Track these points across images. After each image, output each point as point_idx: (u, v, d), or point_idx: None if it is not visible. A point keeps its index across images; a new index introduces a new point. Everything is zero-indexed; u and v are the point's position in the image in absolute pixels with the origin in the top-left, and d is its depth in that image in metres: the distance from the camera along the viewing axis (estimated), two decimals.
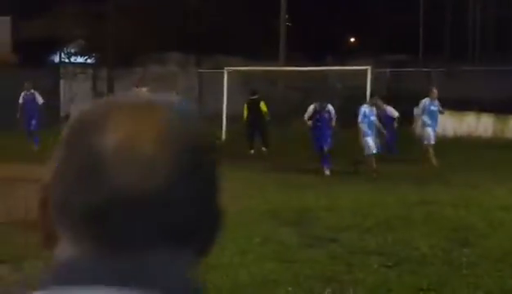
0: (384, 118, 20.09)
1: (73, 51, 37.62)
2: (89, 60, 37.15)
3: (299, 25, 37.86)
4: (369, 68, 24.45)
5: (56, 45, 36.84)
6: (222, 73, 27.27)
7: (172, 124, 0.99)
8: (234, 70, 28.51)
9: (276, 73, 32.70)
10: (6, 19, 36.09)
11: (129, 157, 0.95)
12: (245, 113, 23.74)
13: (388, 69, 34.71)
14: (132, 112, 0.99)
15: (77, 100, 33.58)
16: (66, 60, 37.31)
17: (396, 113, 21.49)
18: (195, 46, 36.57)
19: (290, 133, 25.36)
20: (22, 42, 34.22)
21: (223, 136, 25.42)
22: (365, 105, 18.56)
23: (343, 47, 47.33)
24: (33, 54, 34.10)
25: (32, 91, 22.28)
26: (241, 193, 13.91)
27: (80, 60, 37.40)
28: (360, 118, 18.00)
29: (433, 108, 19.95)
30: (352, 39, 50.76)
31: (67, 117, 33.45)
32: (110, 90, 33.68)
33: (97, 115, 0.99)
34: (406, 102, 24.55)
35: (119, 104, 1.02)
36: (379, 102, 20.12)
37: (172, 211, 0.96)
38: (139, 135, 0.96)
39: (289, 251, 9.19)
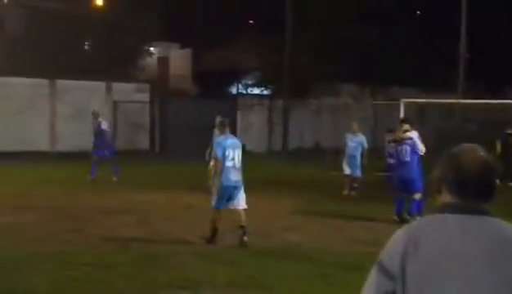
0: None
1: (250, 82, 38.48)
2: (265, 91, 37.84)
3: (479, 56, 36.69)
4: None
5: (234, 76, 37.84)
6: (398, 104, 26.86)
7: (487, 155, 2.85)
8: (410, 102, 28.03)
9: (452, 106, 31.85)
10: (188, 51, 37.61)
11: (473, 163, 2.82)
12: (498, 147, 22.66)
13: None
14: (470, 148, 2.89)
15: (253, 130, 34.28)
16: (243, 92, 38.19)
17: None
18: (370, 77, 36.39)
19: None
20: (202, 74, 35.47)
21: None
22: None
23: None
24: (212, 85, 35.22)
25: (99, 119, 20.70)
26: None
27: (257, 91, 38.18)
28: None
29: None
30: None
31: (244, 147, 34.21)
32: (285, 120, 34.06)
33: (457, 150, 2.88)
34: None
35: (464, 147, 2.89)
36: None
37: (493, 188, 2.83)
38: (477, 155, 2.85)
39: None
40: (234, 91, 39.18)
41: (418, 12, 47.58)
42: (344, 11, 35.11)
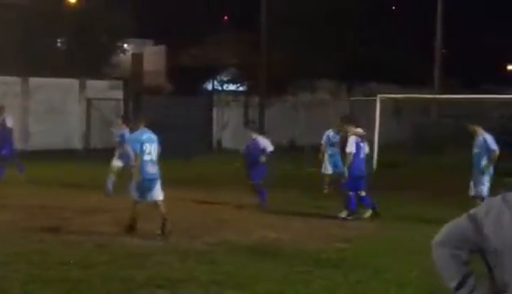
0: None
1: (225, 79, 38.46)
2: (241, 88, 37.83)
3: (455, 51, 36.98)
4: None
5: (209, 73, 37.79)
6: (375, 100, 27.00)
7: None
8: (387, 98, 28.18)
9: (429, 101, 32.09)
10: (162, 48, 37.49)
11: None
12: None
13: None
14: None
15: (229, 127, 34.27)
16: (219, 88, 38.18)
17: None
18: (347, 73, 36.51)
19: (444, 161, 24.90)
20: (176, 71, 35.37)
21: (374, 166, 25.11)
22: None
23: (500, 75, 45.94)
24: (187, 82, 35.15)
25: (4, 114, 19.55)
26: (395, 225, 13.71)
27: (232, 87, 38.15)
28: None
29: None
30: (511, 67, 49.18)
31: (219, 144, 34.22)
32: (261, 117, 34.06)
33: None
34: None
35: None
36: None
37: None
38: None
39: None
40: (209, 87, 39.16)
41: (393, 7, 47.81)
42: (320, 8, 35.21)
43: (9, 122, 19.66)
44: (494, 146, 13.94)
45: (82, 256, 10.08)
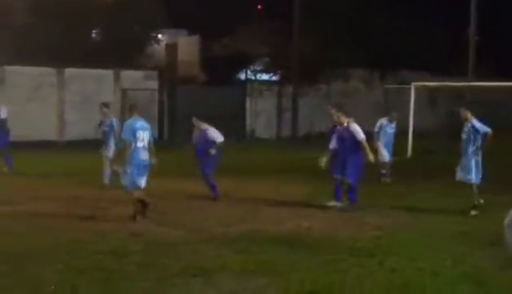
0: None
1: (258, 68, 38.41)
2: (274, 77, 37.76)
3: (490, 38, 36.52)
4: None
5: (243, 62, 37.75)
6: (409, 88, 26.82)
7: None
8: (421, 85, 27.96)
9: (463, 89, 31.75)
10: (196, 38, 37.51)
11: None
12: None
13: None
14: None
15: (262, 116, 34.25)
16: (252, 78, 38.14)
17: None
18: (380, 61, 36.27)
19: None
20: (210, 60, 35.40)
21: (409, 153, 24.99)
22: None
23: None
24: (221, 72, 35.16)
25: None
26: (428, 213, 13.60)
27: (265, 77, 38.11)
28: None
29: None
30: None
31: (253, 133, 34.22)
32: (295, 106, 34.02)
33: None
34: None
35: None
36: None
37: None
38: None
39: (481, 273, 8.80)
40: (243, 77, 39.13)
41: None
42: None
43: (3, 114, 19.55)
44: (485, 128, 13.68)
45: (117, 245, 10.14)
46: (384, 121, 18.74)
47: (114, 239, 10.65)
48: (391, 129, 18.70)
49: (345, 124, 13.83)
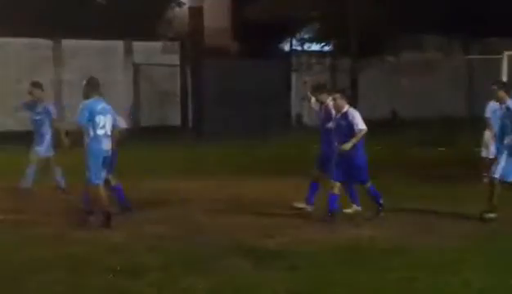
0: None
1: (306, 36, 38.37)
2: (326, 48, 37.73)
3: None
4: None
5: (286, 30, 37.75)
6: (498, 59, 26.57)
7: None
8: None
9: None
10: (226, 2, 37.63)
11: None
12: None
13: None
14: None
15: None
16: (299, 49, 38.11)
17: None
18: (460, 27, 36.01)
19: None
20: (245, 28, 35.44)
21: None
22: None
23: None
24: (258, 42, 35.20)
25: None
26: None
27: (315, 47, 38.08)
28: None
29: None
30: None
31: (299, 118, 34.24)
32: (354, 84, 33.86)
33: None
34: None
35: None
36: None
37: None
38: None
39: None
40: (287, 48, 39.16)
41: None
42: None
43: None
44: None
45: (131, 261, 10.24)
46: (495, 105, 17.81)
47: (127, 253, 10.74)
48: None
49: (344, 109, 13.71)
